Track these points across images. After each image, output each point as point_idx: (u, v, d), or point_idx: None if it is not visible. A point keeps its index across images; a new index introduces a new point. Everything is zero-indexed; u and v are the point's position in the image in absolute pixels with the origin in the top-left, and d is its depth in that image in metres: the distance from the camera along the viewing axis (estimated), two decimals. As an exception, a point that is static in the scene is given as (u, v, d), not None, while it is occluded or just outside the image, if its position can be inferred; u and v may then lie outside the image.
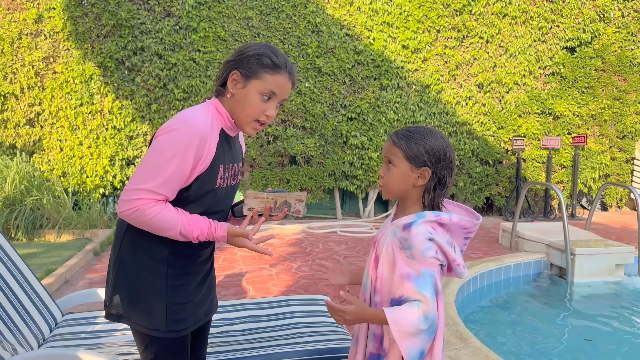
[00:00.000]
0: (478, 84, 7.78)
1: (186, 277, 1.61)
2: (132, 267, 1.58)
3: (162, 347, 1.59)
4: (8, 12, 6.81)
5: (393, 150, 1.51)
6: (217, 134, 1.55)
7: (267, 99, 1.55)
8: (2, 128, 6.96)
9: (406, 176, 1.51)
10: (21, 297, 2.30)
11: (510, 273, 5.13)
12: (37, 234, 6.05)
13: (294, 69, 1.59)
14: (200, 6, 6.90)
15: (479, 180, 8.03)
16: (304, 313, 2.50)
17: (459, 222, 1.50)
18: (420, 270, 1.44)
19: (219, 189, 1.59)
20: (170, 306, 1.57)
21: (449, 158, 1.52)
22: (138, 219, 1.46)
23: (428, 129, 1.53)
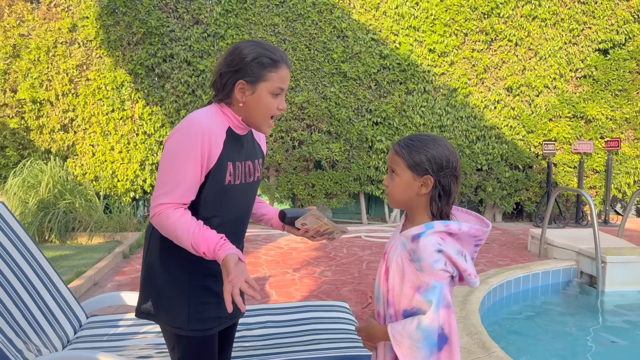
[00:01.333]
0: (507, 87, 7.66)
1: (209, 277, 1.65)
2: (158, 267, 1.65)
3: (189, 346, 1.64)
4: (44, 22, 7.05)
5: (395, 160, 1.51)
6: (223, 131, 1.59)
7: (277, 96, 1.60)
8: (38, 133, 7.21)
9: (409, 185, 1.50)
10: (47, 299, 2.37)
11: (538, 281, 5.01)
12: (69, 236, 6.23)
13: (287, 57, 1.63)
14: (228, 14, 7.01)
15: (509, 185, 7.89)
16: (322, 319, 2.51)
17: (469, 231, 1.48)
18: (429, 282, 1.43)
19: (230, 186, 1.62)
20: (194, 305, 1.61)
21: (452, 165, 1.50)
22: (161, 223, 1.53)
23: (431, 137, 1.52)
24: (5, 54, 7.08)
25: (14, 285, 2.20)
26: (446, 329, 1.42)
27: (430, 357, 1.40)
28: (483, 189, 7.89)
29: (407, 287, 1.47)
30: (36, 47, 6.99)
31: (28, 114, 7.12)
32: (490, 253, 5.93)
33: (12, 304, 2.12)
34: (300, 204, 7.50)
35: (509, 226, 7.82)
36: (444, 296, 1.43)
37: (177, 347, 1.64)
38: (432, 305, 1.40)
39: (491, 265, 5.38)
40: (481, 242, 1.55)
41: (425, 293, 1.42)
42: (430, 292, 1.42)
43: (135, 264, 5.28)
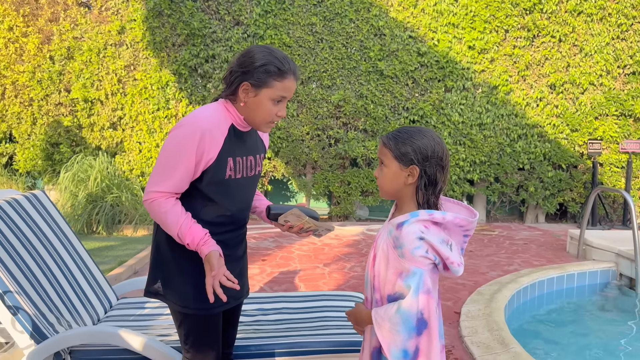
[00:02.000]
0: (550, 84, 7.48)
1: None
2: (166, 250, 1.77)
3: (194, 324, 1.77)
4: (96, 25, 7.46)
5: (383, 151, 1.58)
6: (225, 129, 1.70)
7: (278, 103, 1.69)
8: (89, 131, 7.62)
9: (396, 175, 1.56)
10: (80, 280, 2.57)
11: (573, 282, 4.90)
12: (115, 228, 6.57)
13: (296, 69, 1.71)
14: (267, 14, 7.18)
15: (551, 186, 7.70)
16: (334, 308, 2.60)
17: (454, 220, 1.52)
18: (409, 268, 1.48)
19: (230, 180, 1.73)
20: (198, 287, 1.73)
21: (437, 155, 1.55)
22: (153, 210, 1.66)
23: (418, 129, 1.58)
24: (60, 55, 7.53)
25: (50, 266, 2.40)
26: (425, 314, 1.47)
27: (408, 340, 1.45)
28: (525, 188, 7.73)
29: (390, 272, 1.53)
30: (88, 49, 7.40)
31: (80, 113, 7.55)
32: (527, 253, 5.83)
33: (47, 283, 2.33)
34: (336, 201, 7.59)
35: (551, 227, 7.63)
36: (423, 282, 1.48)
37: (183, 324, 1.77)
38: (411, 290, 1.46)
39: (526, 265, 5.30)
40: (469, 232, 1.59)
41: (406, 279, 1.48)
42: (411, 277, 1.47)
43: (174, 255, 5.52)
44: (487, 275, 4.88)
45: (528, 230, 7.29)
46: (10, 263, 2.16)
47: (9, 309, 2.07)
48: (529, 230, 7.35)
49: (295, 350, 2.16)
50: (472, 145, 7.51)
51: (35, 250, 2.36)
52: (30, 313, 2.10)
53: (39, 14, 7.64)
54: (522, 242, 6.47)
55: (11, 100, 7.77)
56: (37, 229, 2.46)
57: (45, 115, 7.69)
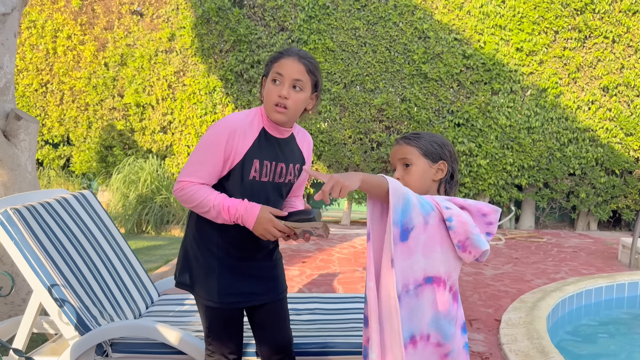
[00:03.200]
0: (603, 87, 7.20)
1: (233, 259, 1.85)
2: (194, 247, 1.88)
3: (216, 317, 1.87)
4: (147, 32, 7.76)
5: (407, 150, 1.60)
6: (256, 131, 1.78)
7: (277, 83, 1.74)
8: (141, 134, 7.93)
9: (426, 172, 1.59)
10: (124, 277, 2.69)
11: (624, 292, 4.69)
12: (164, 228, 6.80)
13: (301, 52, 1.76)
14: (311, 19, 7.27)
15: (604, 192, 7.40)
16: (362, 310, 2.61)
17: (477, 206, 1.51)
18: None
19: (254, 181, 1.79)
20: (221, 281, 1.83)
21: (455, 152, 1.64)
22: (183, 197, 1.76)
23: (427, 132, 1.66)
24: (114, 62, 7.88)
25: (95, 262, 2.53)
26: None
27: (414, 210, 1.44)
28: (576, 195, 7.46)
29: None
30: (140, 56, 7.70)
31: (132, 117, 7.86)
32: (575, 261, 5.63)
33: (92, 278, 2.45)
34: (379, 205, 7.56)
35: (604, 235, 7.33)
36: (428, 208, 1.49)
37: (207, 316, 1.87)
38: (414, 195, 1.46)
39: (573, 273, 5.13)
40: (492, 222, 1.53)
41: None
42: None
43: (217, 256, 5.66)
44: (532, 283, 4.75)
45: (578, 238, 7.04)
46: (58, 258, 2.30)
47: (56, 301, 2.20)
48: (580, 238, 7.09)
49: (326, 350, 2.19)
50: (520, 150, 7.32)
51: (81, 246, 2.50)
52: (75, 306, 2.23)
53: (95, 22, 8.02)
54: (571, 250, 6.25)
55: (69, 105, 8.18)
56: (84, 227, 2.60)
57: (99, 119, 8.05)
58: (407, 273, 1.43)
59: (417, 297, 1.46)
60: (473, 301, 4.18)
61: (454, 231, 1.45)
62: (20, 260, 2.20)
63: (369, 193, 1.43)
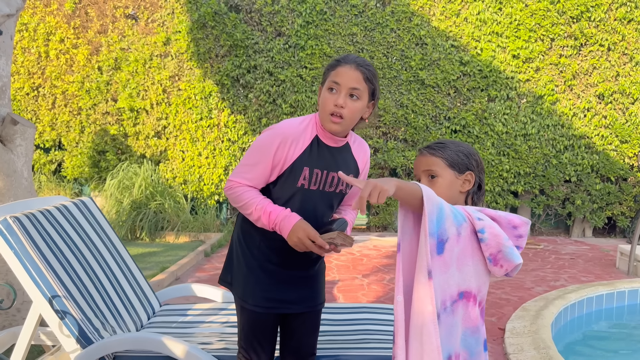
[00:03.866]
0: (598, 94, 7.23)
1: (273, 264, 1.83)
2: (237, 247, 1.89)
3: (249, 319, 1.85)
4: (142, 37, 7.68)
5: (432, 161, 1.53)
6: (308, 139, 1.75)
7: (333, 91, 1.70)
8: (135, 139, 7.83)
9: (452, 184, 1.53)
10: (125, 287, 2.62)
11: (624, 300, 4.69)
12: (158, 234, 6.70)
13: (359, 60, 1.73)
14: (308, 25, 7.23)
15: (599, 199, 7.42)
16: (375, 321, 2.55)
17: (507, 217, 1.46)
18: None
19: (302, 189, 1.76)
20: (258, 284, 1.83)
21: (481, 161, 1.59)
22: (231, 196, 1.78)
23: (452, 140, 1.59)
24: (108, 66, 7.78)
25: (96, 272, 2.46)
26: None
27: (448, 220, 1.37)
28: (571, 201, 7.48)
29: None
30: (134, 60, 7.62)
31: (126, 122, 7.76)
32: (574, 269, 5.62)
33: (94, 288, 2.38)
34: (375, 212, 7.52)
35: (599, 242, 7.34)
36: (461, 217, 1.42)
37: (241, 316, 1.87)
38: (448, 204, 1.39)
39: (573, 281, 5.11)
40: (522, 235, 1.48)
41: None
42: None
43: (214, 263, 5.58)
44: (532, 291, 4.73)
45: (575, 245, 7.04)
46: (59, 268, 2.22)
47: (57, 313, 2.12)
48: (576, 244, 7.09)
49: (336, 364, 2.13)
50: (516, 156, 7.32)
51: (82, 255, 2.42)
52: (77, 318, 2.15)
53: (89, 26, 7.92)
54: (569, 256, 6.24)
55: (61, 109, 8.06)
56: (84, 235, 2.52)
57: (92, 124, 7.94)
58: (444, 288, 1.37)
59: (452, 314, 1.41)
60: (475, 310, 4.14)
61: (486, 243, 1.39)
62: (20, 271, 2.12)
63: (402, 200, 1.36)
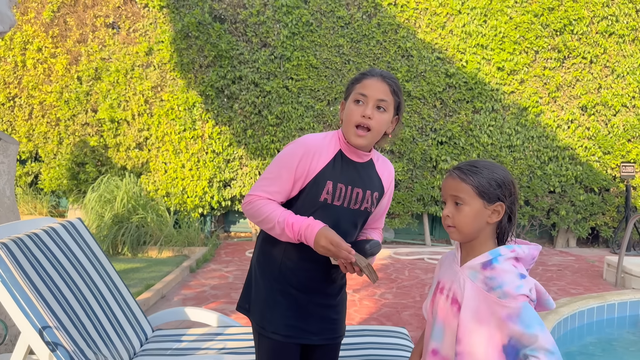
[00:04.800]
0: (581, 106, 7.33)
1: (295, 290, 1.75)
2: (257, 269, 1.82)
3: (268, 349, 1.76)
4: (123, 46, 7.52)
5: (461, 188, 1.43)
6: (332, 152, 1.71)
7: (360, 103, 1.67)
8: (115, 151, 7.64)
9: (479, 214, 1.42)
10: (117, 312, 2.49)
11: (614, 312, 4.70)
12: (140, 249, 6.52)
13: (384, 73, 1.70)
14: (294, 36, 7.18)
15: (583, 209, 7.50)
16: (380, 345, 2.48)
17: (530, 253, 1.43)
18: (518, 307, 1.32)
19: (325, 204, 1.69)
20: (277, 310, 1.74)
21: (516, 189, 1.46)
22: (250, 211, 1.71)
23: (491, 162, 1.48)
24: (88, 76, 7.60)
25: (87, 299, 2.33)
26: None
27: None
28: (556, 212, 7.54)
29: (494, 321, 1.36)
30: (115, 70, 7.45)
31: (107, 133, 7.58)
32: (563, 280, 5.64)
33: (85, 316, 2.25)
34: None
35: (583, 252, 7.41)
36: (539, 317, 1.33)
37: (259, 346, 1.78)
38: (538, 327, 1.30)
39: (563, 293, 5.12)
40: (533, 263, 1.49)
41: (519, 320, 1.31)
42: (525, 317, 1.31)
43: (200, 279, 5.44)
44: (524, 305, 4.71)
45: (560, 255, 7.09)
46: (50, 297, 2.09)
47: (48, 345, 1.99)
48: (561, 255, 7.14)
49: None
50: (500, 168, 7.35)
51: (73, 281, 2.29)
52: (68, 349, 2.02)
53: (68, 35, 7.74)
54: (556, 268, 6.27)
55: (38, 120, 7.84)
56: (74, 260, 2.39)
57: (71, 135, 7.73)
58: None
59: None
60: (470, 325, 4.10)
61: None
62: (9, 301, 1.98)
63: None
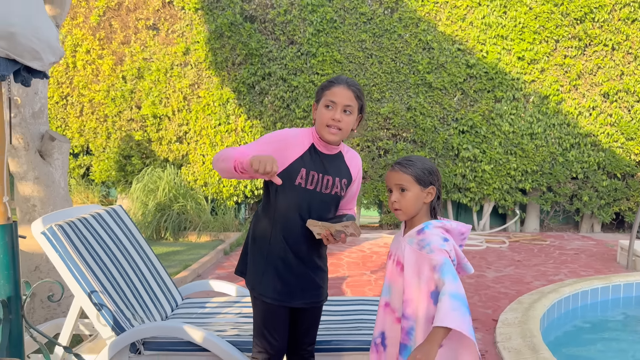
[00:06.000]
0: (603, 93, 7.41)
1: (282, 261, 2.11)
2: (250, 242, 2.22)
3: (260, 309, 2.16)
4: (163, 47, 8.11)
5: (403, 178, 1.85)
6: (306, 145, 2.10)
7: (330, 108, 2.05)
8: (158, 144, 8.28)
9: (418, 196, 1.85)
10: (151, 283, 3.01)
11: (619, 293, 4.92)
12: (181, 234, 7.13)
13: (350, 81, 2.07)
14: (319, 33, 7.57)
15: (606, 195, 7.61)
16: (371, 312, 2.89)
17: (458, 228, 1.83)
18: (441, 259, 1.74)
19: (300, 188, 2.07)
20: (268, 279, 2.12)
21: (440, 176, 1.90)
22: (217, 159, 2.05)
23: (420, 157, 1.91)
24: (132, 75, 8.24)
25: (126, 271, 2.85)
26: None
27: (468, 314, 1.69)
28: (579, 198, 7.68)
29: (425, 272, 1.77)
30: (156, 69, 8.06)
31: (150, 128, 8.22)
32: (575, 264, 5.86)
33: (124, 284, 2.77)
34: (386, 210, 7.84)
35: (606, 237, 7.54)
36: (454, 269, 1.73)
37: (254, 305, 2.18)
38: (450, 277, 1.69)
39: (572, 275, 5.36)
40: (465, 241, 1.89)
41: (441, 270, 1.72)
42: (445, 268, 1.71)
43: (233, 260, 5.97)
44: (531, 285, 4.99)
45: (581, 240, 7.25)
46: (96, 268, 2.61)
47: (95, 306, 2.51)
48: (583, 240, 7.30)
49: (331, 347, 2.48)
50: (523, 155, 7.55)
51: (115, 257, 2.81)
52: (111, 309, 2.54)
53: (113, 37, 8.39)
54: (573, 252, 6.47)
55: (88, 117, 8.56)
56: (116, 239, 2.91)
57: (118, 130, 8.42)
58: None
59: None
60: (473, 302, 4.44)
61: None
62: (64, 270, 2.51)
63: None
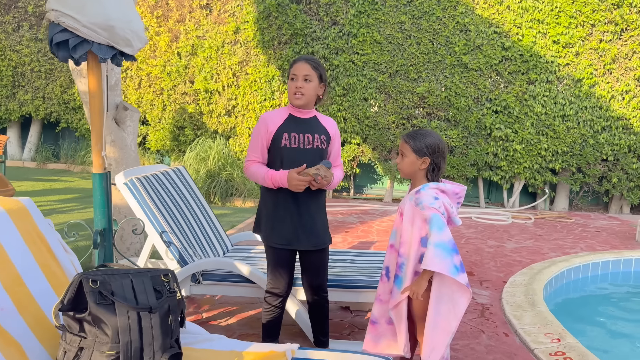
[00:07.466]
0: (637, 77, 7.55)
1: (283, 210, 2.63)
2: (261, 203, 2.76)
3: (269, 253, 2.69)
4: (215, 25, 8.72)
5: (405, 146, 2.37)
6: (284, 116, 2.62)
7: (293, 80, 2.57)
8: (209, 117, 8.96)
9: (413, 163, 2.36)
10: (207, 230, 3.64)
11: (630, 267, 5.25)
12: (228, 200, 7.83)
13: (308, 56, 2.59)
14: (361, 14, 7.99)
15: (636, 177, 7.80)
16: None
17: (453, 189, 2.32)
18: (429, 214, 2.22)
19: (286, 148, 2.59)
20: (275, 227, 2.64)
21: (441, 150, 2.34)
22: (247, 173, 2.67)
23: (428, 131, 2.37)
24: (186, 52, 8.91)
25: (188, 218, 3.49)
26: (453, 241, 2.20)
27: (453, 258, 2.16)
28: (608, 179, 7.90)
29: (417, 226, 2.28)
30: (209, 47, 8.69)
31: (202, 101, 8.90)
32: (594, 240, 6.19)
33: (187, 229, 3.41)
34: (419, 185, 8.27)
35: (634, 218, 7.76)
36: (442, 221, 2.21)
37: (267, 253, 2.73)
38: (435, 228, 2.18)
39: (588, 249, 5.71)
40: (461, 199, 2.38)
41: (430, 223, 2.21)
42: (433, 221, 2.20)
43: (274, 224, 6.60)
44: (546, 256, 5.39)
45: (607, 220, 7.52)
46: (165, 213, 3.25)
47: (165, 243, 3.16)
48: (608, 220, 7.57)
49: (351, 285, 3.05)
50: (554, 136, 7.82)
51: (179, 207, 3.45)
52: (177, 246, 3.18)
53: (169, 15, 9.06)
54: (595, 230, 6.78)
55: (146, 90, 9.32)
56: (180, 193, 3.55)
57: (173, 103, 9.14)
58: None
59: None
60: (489, 267, 4.90)
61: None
62: (141, 214, 3.16)
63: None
